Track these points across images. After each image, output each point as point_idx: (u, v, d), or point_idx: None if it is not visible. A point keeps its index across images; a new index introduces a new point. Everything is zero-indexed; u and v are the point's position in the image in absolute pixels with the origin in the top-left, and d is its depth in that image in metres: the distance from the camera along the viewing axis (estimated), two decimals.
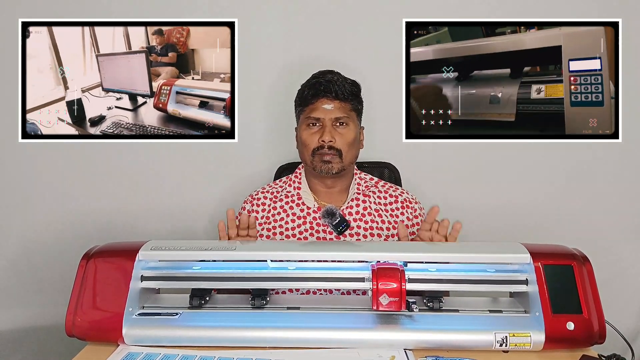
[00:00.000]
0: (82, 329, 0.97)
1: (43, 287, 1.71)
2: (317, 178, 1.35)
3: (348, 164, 1.31)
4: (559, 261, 0.99)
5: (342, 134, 1.29)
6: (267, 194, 1.38)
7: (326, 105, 1.28)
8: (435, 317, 1.01)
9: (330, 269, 1.03)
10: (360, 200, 1.34)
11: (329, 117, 1.28)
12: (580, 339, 0.95)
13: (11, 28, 1.60)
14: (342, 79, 1.31)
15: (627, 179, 1.68)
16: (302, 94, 1.32)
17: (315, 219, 1.32)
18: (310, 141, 1.29)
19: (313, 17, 1.63)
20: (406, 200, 1.36)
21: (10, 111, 1.62)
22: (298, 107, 1.35)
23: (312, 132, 1.30)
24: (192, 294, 1.04)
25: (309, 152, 1.30)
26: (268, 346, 0.96)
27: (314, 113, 1.29)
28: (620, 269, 1.71)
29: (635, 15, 1.60)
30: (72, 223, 1.69)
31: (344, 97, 1.29)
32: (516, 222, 1.69)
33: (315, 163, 1.29)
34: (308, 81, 1.33)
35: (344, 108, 1.29)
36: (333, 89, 1.28)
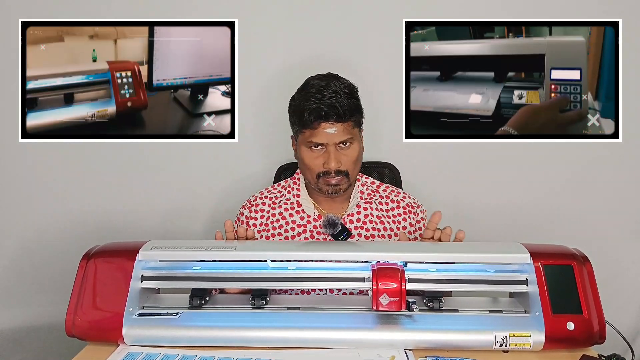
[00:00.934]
0: (82, 329, 0.97)
1: (43, 287, 1.71)
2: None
3: (354, 180, 1.29)
4: (559, 261, 0.99)
5: (347, 154, 1.24)
6: (266, 200, 1.36)
7: (328, 130, 1.21)
8: (435, 317, 1.01)
9: (330, 269, 1.03)
10: (362, 207, 1.33)
11: (332, 141, 1.22)
12: (580, 339, 0.95)
13: (11, 28, 1.60)
14: (341, 93, 1.21)
15: (627, 179, 1.68)
16: (302, 117, 1.22)
17: (316, 227, 1.30)
18: (314, 165, 1.24)
19: (313, 17, 1.63)
20: (408, 206, 1.35)
21: (10, 111, 1.62)
22: (296, 126, 1.27)
23: (316, 156, 1.24)
24: (192, 294, 1.04)
25: (313, 175, 1.25)
26: (268, 346, 0.96)
27: (316, 138, 1.22)
28: (620, 269, 1.70)
29: (635, 15, 1.60)
30: (72, 223, 1.69)
31: (346, 118, 1.21)
32: (516, 222, 1.69)
33: (321, 186, 1.26)
34: (306, 101, 1.22)
35: (347, 129, 1.22)
36: (335, 112, 1.20)
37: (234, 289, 1.13)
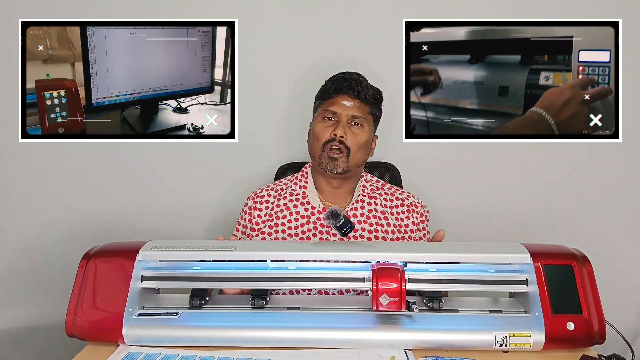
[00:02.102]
0: (82, 329, 0.97)
1: (43, 287, 1.71)
2: (323, 177, 1.34)
3: (354, 166, 1.30)
4: (559, 261, 0.99)
5: (356, 133, 1.29)
6: (271, 192, 1.37)
7: (346, 102, 1.29)
8: (435, 317, 1.01)
9: (330, 269, 1.03)
10: (365, 202, 1.34)
11: (346, 113, 1.28)
12: (580, 339, 0.95)
13: (11, 28, 1.60)
14: (368, 83, 1.32)
15: (627, 179, 1.68)
16: (325, 88, 1.33)
17: (319, 219, 1.31)
18: (323, 134, 1.29)
19: (313, 17, 1.63)
20: (412, 205, 1.36)
21: (10, 111, 1.62)
22: (318, 100, 1.35)
23: (327, 126, 1.29)
24: (192, 294, 1.04)
25: (320, 144, 1.29)
26: (268, 346, 0.96)
27: (333, 107, 1.29)
28: (620, 269, 1.71)
29: (635, 15, 1.60)
30: (72, 223, 1.69)
31: (366, 99, 1.29)
32: (516, 222, 1.69)
33: (323, 158, 1.29)
34: (334, 76, 1.33)
35: (363, 109, 1.30)
36: (357, 88, 1.28)
37: (231, 290, 1.13)
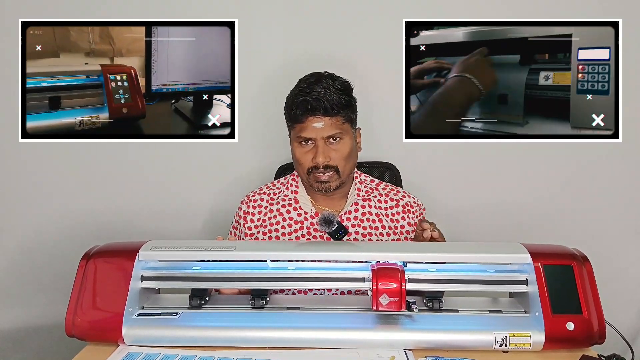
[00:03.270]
0: (82, 329, 0.97)
1: (43, 286, 1.71)
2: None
3: (347, 177, 1.28)
4: (558, 261, 0.99)
5: (337, 149, 1.24)
6: (264, 196, 1.36)
7: (316, 124, 1.22)
8: (435, 317, 1.01)
9: (330, 269, 1.03)
10: (359, 205, 1.33)
11: (320, 135, 1.22)
12: (580, 339, 0.95)
13: (11, 28, 1.60)
14: (331, 89, 1.22)
15: (627, 179, 1.68)
16: (290, 111, 1.25)
17: (313, 224, 1.30)
18: (304, 160, 1.25)
19: (313, 17, 1.63)
20: (408, 205, 1.35)
21: (10, 111, 1.62)
22: (288, 122, 1.29)
23: (305, 151, 1.25)
24: (192, 294, 1.04)
25: (304, 170, 1.26)
26: (268, 346, 0.96)
27: (304, 132, 1.23)
28: (620, 269, 1.70)
29: (635, 15, 1.60)
30: (72, 223, 1.69)
31: (334, 112, 1.21)
32: (516, 222, 1.69)
33: (312, 182, 1.26)
34: (295, 96, 1.24)
35: (335, 123, 1.22)
36: (322, 105, 1.20)
37: (228, 290, 1.13)
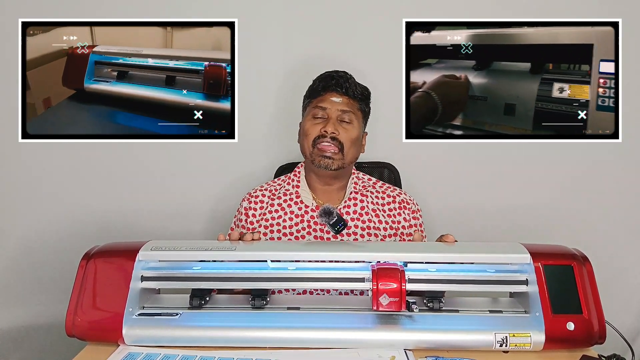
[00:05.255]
0: (82, 329, 0.97)
1: (43, 286, 1.71)
2: (316, 174, 1.35)
3: (348, 162, 1.31)
4: (559, 261, 0.99)
5: (347, 129, 1.30)
6: (266, 192, 1.38)
7: (334, 98, 1.30)
8: (435, 317, 1.01)
9: (330, 269, 1.03)
10: (357, 199, 1.34)
11: (335, 108, 1.29)
12: (580, 339, 0.95)
13: (11, 28, 1.60)
14: (355, 80, 1.33)
15: (627, 179, 1.68)
16: (313, 87, 1.34)
17: (313, 217, 1.32)
18: (313, 130, 1.29)
19: (313, 17, 1.63)
20: (404, 202, 1.36)
21: (10, 111, 1.62)
22: (306, 100, 1.36)
23: (316, 123, 1.30)
24: (192, 294, 1.04)
25: (310, 141, 1.30)
26: (268, 346, 0.96)
27: (322, 103, 1.30)
28: (620, 269, 1.70)
29: (635, 15, 1.60)
30: (72, 223, 1.69)
31: (354, 95, 1.31)
32: (516, 223, 1.69)
33: (315, 156, 1.29)
34: (321, 74, 1.34)
35: (352, 104, 1.31)
36: (344, 85, 1.30)
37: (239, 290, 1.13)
